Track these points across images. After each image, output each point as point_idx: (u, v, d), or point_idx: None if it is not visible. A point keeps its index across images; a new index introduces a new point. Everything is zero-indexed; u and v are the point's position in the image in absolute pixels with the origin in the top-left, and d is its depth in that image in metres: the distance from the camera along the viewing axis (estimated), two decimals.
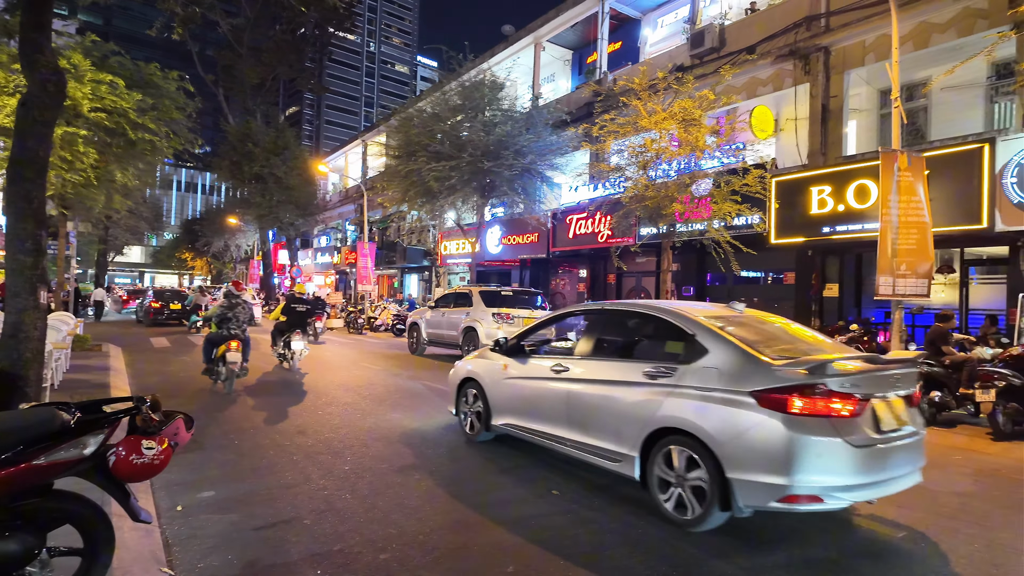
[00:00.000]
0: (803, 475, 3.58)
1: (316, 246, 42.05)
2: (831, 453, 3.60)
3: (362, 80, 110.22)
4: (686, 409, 4.09)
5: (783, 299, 15.25)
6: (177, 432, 2.68)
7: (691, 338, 4.34)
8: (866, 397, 3.79)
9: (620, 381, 4.65)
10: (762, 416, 3.73)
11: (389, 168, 18.39)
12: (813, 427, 3.63)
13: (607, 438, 4.65)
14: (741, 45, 15.50)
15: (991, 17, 11.42)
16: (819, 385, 3.66)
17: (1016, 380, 7.17)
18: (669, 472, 4.17)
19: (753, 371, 3.90)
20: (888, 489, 3.89)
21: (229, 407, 7.82)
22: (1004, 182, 9.83)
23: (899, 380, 4.07)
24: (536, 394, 5.47)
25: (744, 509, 3.82)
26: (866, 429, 3.75)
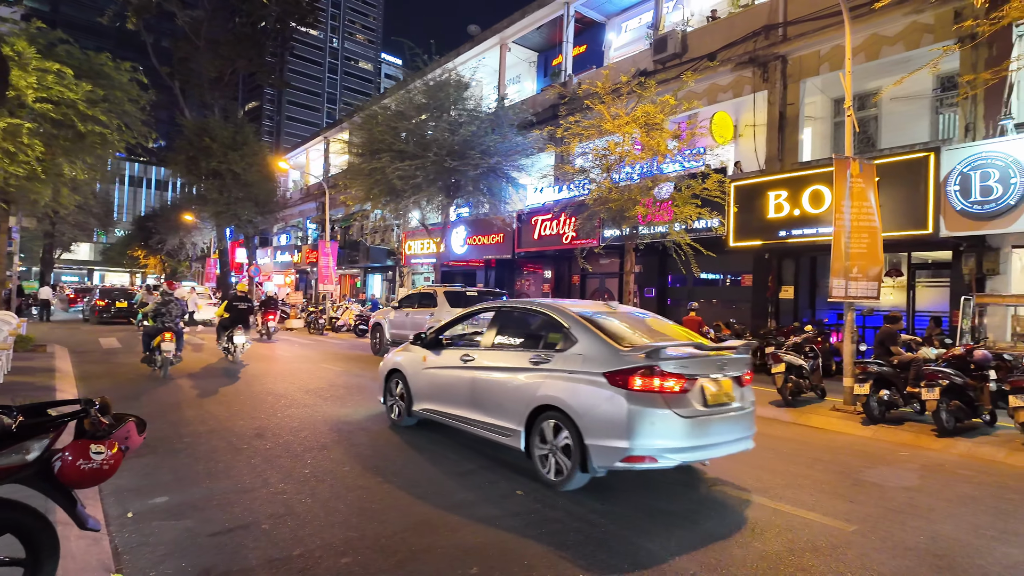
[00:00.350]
0: (640, 440, 4.40)
1: (276, 244, 41.14)
2: (663, 422, 4.44)
3: (324, 76, 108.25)
4: (558, 389, 4.91)
5: (741, 301, 15.63)
6: (128, 436, 2.57)
7: (566, 330, 5.16)
8: (693, 377, 4.61)
9: (512, 367, 5.47)
10: (611, 392, 4.55)
11: (352, 166, 18.11)
12: (649, 401, 4.45)
13: (501, 416, 5.44)
14: (703, 52, 15.83)
15: (936, 32, 11.93)
16: (654, 367, 4.48)
17: (958, 379, 7.50)
18: (545, 443, 4.98)
19: (608, 356, 4.70)
20: (715, 452, 4.79)
21: (183, 409, 7.58)
22: (948, 190, 10.29)
23: (726, 364, 4.92)
24: (448, 381, 6.21)
25: (598, 469, 4.64)
26: (694, 403, 4.58)
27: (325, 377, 10.67)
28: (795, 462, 6.04)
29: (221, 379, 10.20)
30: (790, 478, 5.42)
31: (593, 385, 4.67)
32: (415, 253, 24.69)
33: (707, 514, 4.36)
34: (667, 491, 4.89)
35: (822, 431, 7.82)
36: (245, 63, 36.46)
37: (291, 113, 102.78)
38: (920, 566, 3.60)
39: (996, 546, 3.96)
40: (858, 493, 5.04)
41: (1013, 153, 9.57)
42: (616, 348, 4.72)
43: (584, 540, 3.82)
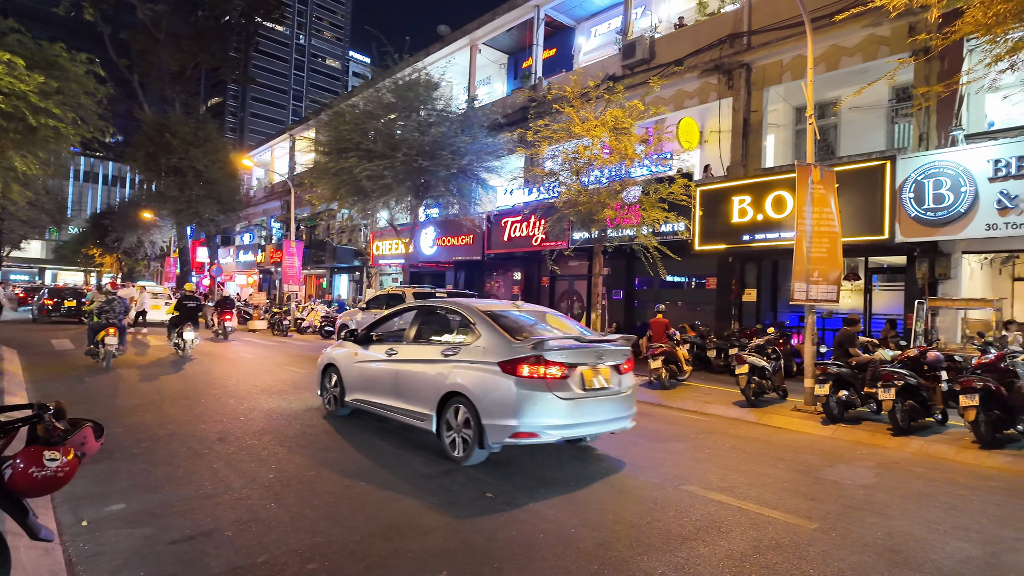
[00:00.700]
0: (526, 418, 5.16)
1: (238, 244, 40.24)
2: (545, 403, 5.20)
3: (290, 73, 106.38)
4: (463, 377, 5.60)
5: (705, 303, 15.92)
6: (85, 441, 2.47)
7: (472, 326, 5.88)
8: (574, 365, 5.39)
9: (427, 359, 6.14)
10: (504, 379, 5.27)
11: (319, 165, 17.82)
12: (534, 385, 5.21)
13: (417, 403, 6.09)
14: (670, 58, 16.07)
15: (892, 44, 12.36)
16: (539, 356, 5.23)
17: (912, 380, 7.77)
18: (451, 427, 5.67)
19: (503, 348, 5.44)
20: (592, 429, 5.67)
21: (141, 413, 7.34)
22: (903, 197, 10.67)
23: (604, 354, 5.68)
24: (374, 373, 6.82)
25: (492, 446, 5.35)
26: (574, 387, 5.36)
27: (289, 379, 10.47)
28: (759, 461, 6.17)
29: (180, 381, 9.92)
30: (754, 477, 5.53)
31: (490, 373, 5.39)
32: (383, 254, 24.44)
33: (672, 514, 4.41)
34: (633, 493, 4.93)
35: (784, 431, 8.00)
36: (208, 58, 35.68)
37: (256, 110, 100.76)
38: (878, 562, 3.71)
39: (948, 541, 4.11)
40: (819, 491, 5.17)
41: (963, 163, 9.98)
42: (510, 341, 5.48)
43: (552, 542, 3.83)
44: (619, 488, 5.01)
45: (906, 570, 3.62)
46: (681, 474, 5.50)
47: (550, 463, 5.76)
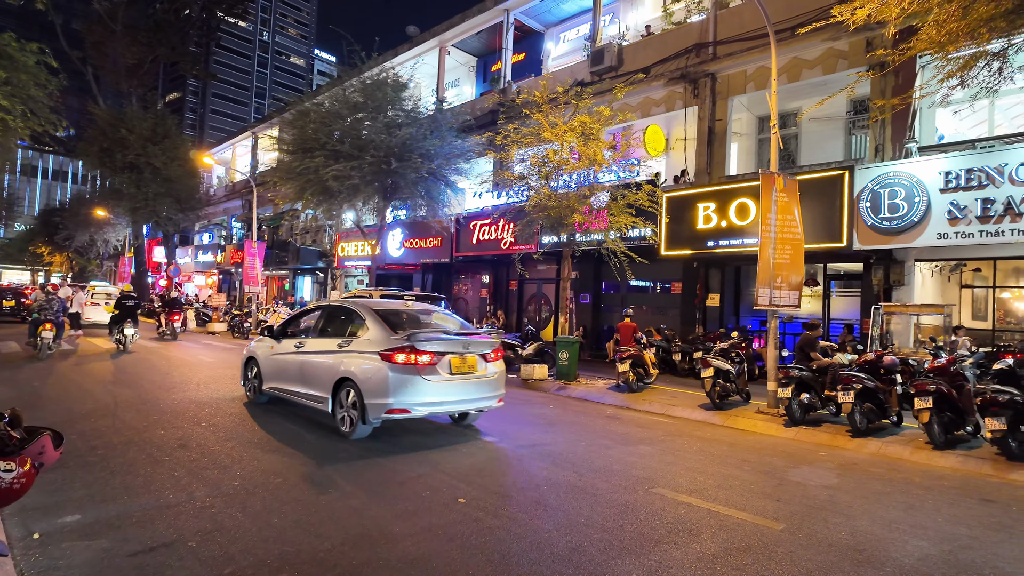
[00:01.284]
0: (398, 397, 6.20)
1: (197, 243, 39.12)
2: (415, 385, 6.27)
3: (253, 70, 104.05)
4: (352, 365, 6.58)
5: (670, 307, 16.17)
6: (43, 451, 2.35)
7: (364, 321, 6.92)
8: (442, 353, 6.49)
9: (326, 351, 7.09)
10: (382, 365, 6.28)
11: (284, 164, 17.44)
12: (406, 370, 6.26)
13: (318, 388, 7.04)
14: (638, 65, 16.30)
15: (850, 58, 12.80)
16: (412, 347, 6.30)
17: (870, 383, 8.03)
18: (343, 405, 6.63)
19: (384, 340, 6.49)
20: (458, 407, 6.86)
21: (95, 419, 7.05)
22: (860, 206, 11.04)
23: (471, 345, 6.80)
24: (285, 364, 7.74)
25: (373, 421, 6.35)
26: (441, 372, 6.45)
27: (221, 375, 10.18)
28: (725, 463, 6.28)
29: (136, 386, 9.57)
30: (721, 479, 5.62)
31: (373, 361, 6.40)
32: (349, 255, 24.09)
33: (643, 517, 4.45)
34: (605, 497, 4.95)
35: (748, 433, 8.17)
36: (167, 51, 34.63)
37: (216, 107, 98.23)
38: (843, 561, 3.81)
39: (908, 539, 4.25)
40: (784, 492, 5.29)
41: (917, 174, 10.39)
42: (391, 334, 6.54)
43: (525, 547, 3.82)
44: (591, 492, 5.02)
45: (870, 569, 3.72)
46: (651, 477, 5.55)
47: (520, 471, 5.75)
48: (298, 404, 7.64)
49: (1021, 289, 12.34)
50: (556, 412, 8.97)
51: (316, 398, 7.08)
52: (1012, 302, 12.71)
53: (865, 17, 7.91)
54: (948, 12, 7.01)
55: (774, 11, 13.63)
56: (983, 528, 4.58)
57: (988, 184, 9.64)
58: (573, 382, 11.68)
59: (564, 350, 11.95)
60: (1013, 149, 9.67)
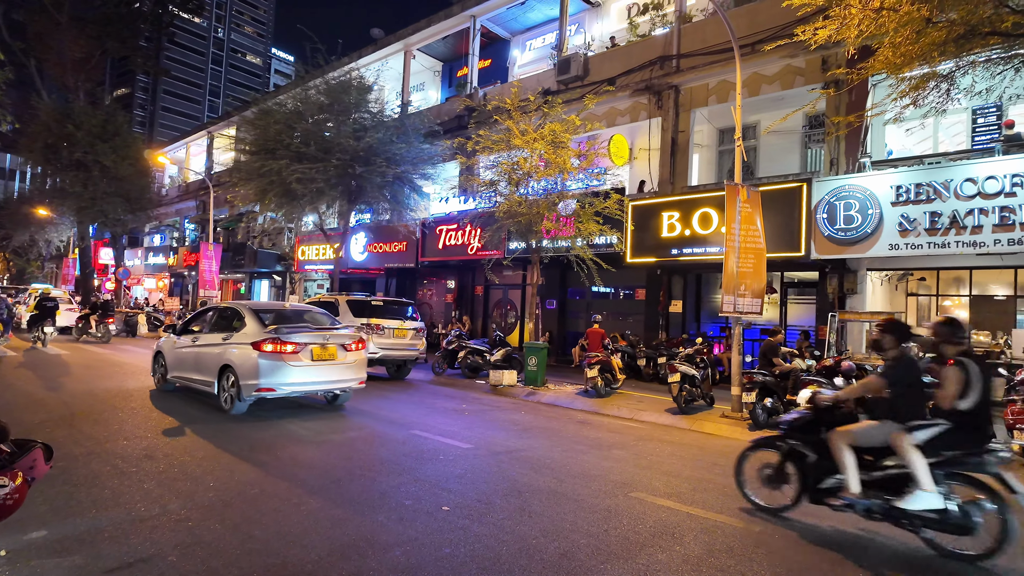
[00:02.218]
0: (265, 379, 7.67)
1: (148, 245, 37.71)
2: (279, 369, 7.74)
3: (207, 67, 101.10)
4: (231, 354, 8.03)
5: (635, 313, 16.45)
6: (34, 465, 2.25)
7: (243, 319, 8.40)
8: (305, 344, 7.98)
9: (214, 343, 8.49)
10: (254, 353, 7.75)
11: (244, 164, 17.00)
12: (272, 357, 7.73)
13: (207, 374, 8.45)
14: (604, 76, 16.57)
15: (807, 75, 13.33)
16: (276, 338, 7.80)
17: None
18: (224, 388, 8.11)
19: (257, 332, 7.98)
20: (319, 388, 8.33)
21: (51, 429, 6.72)
22: (818, 217, 11.49)
23: (332, 337, 8.32)
24: (185, 356, 9.15)
25: (246, 398, 7.83)
26: (303, 358, 7.94)
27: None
28: (696, 467, 6.44)
29: (94, 398, 9.17)
30: (695, 482, 5.76)
31: (247, 350, 7.82)
32: (310, 259, 23.64)
33: (627, 521, 4.53)
34: (588, 502, 5.01)
35: (715, 437, 8.39)
36: (117, 45, 33.33)
37: (168, 104, 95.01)
38: (821, 561, 3.97)
39: (880, 540, 4.45)
40: None
41: (870, 187, 10.89)
42: (262, 328, 8.05)
43: (514, 553, 3.83)
44: (572, 498, 5.07)
45: (846, 568, 3.88)
46: (628, 481, 5.65)
47: (501, 477, 5.76)
48: (195, 389, 9.04)
49: (961, 298, 13.06)
50: (528, 418, 9.01)
51: (206, 383, 8.49)
52: (953, 310, 13.43)
53: (826, 37, 8.29)
54: (903, 35, 7.40)
55: (736, 28, 14.13)
56: None
57: (936, 198, 10.19)
58: (542, 387, 11.75)
59: (533, 355, 12.02)
60: (957, 166, 10.25)
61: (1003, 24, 6.62)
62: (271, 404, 8.75)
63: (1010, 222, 9.55)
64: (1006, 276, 11.94)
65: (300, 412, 8.52)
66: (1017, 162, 9.60)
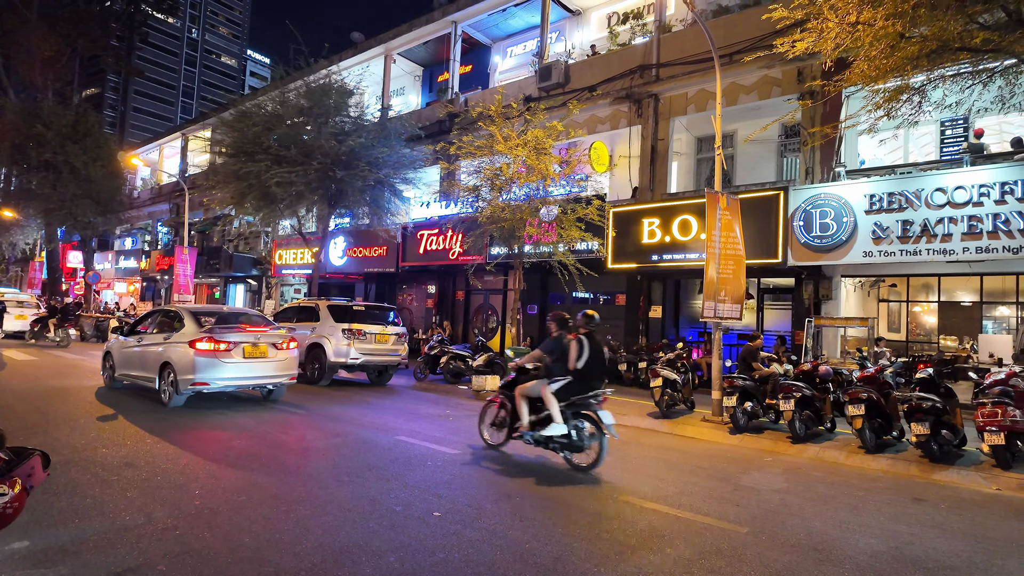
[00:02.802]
0: (200, 374, 8.41)
1: (118, 248, 36.85)
2: (212, 365, 8.47)
3: (181, 68, 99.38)
4: (171, 352, 8.76)
5: (615, 319, 16.54)
6: (32, 472, 2.20)
7: (183, 320, 9.17)
8: (237, 342, 8.72)
9: (156, 343, 9.23)
10: (191, 351, 8.47)
11: (222, 166, 16.75)
12: (206, 355, 8.45)
13: (150, 371, 9.16)
14: (584, 83, 16.74)
15: (783, 86, 13.64)
16: (209, 336, 8.55)
17: (808, 392, 8.54)
18: (164, 382, 8.82)
19: (194, 332, 8.73)
20: (251, 383, 9.14)
21: (27, 438, 6.53)
22: (795, 224, 11.75)
23: (263, 336, 9.10)
24: (130, 355, 9.82)
25: (184, 392, 8.57)
26: (235, 356, 8.67)
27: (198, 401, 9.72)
28: (681, 470, 6.52)
29: (69, 405, 8.94)
30: (681, 486, 5.84)
31: (184, 348, 8.55)
32: (287, 263, 23.36)
33: (618, 525, 4.57)
34: (578, 506, 5.05)
35: (697, 440, 8.50)
36: (88, 44, 32.67)
37: (139, 104, 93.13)
38: (806, 560, 4.06)
39: (859, 538, 4.56)
40: (740, 497, 5.55)
41: (845, 196, 11.18)
42: (199, 328, 8.81)
43: (509, 558, 3.85)
44: (562, 502, 5.11)
45: (831, 567, 3.98)
46: (616, 485, 5.70)
47: (491, 483, 5.77)
48: (139, 385, 9.73)
49: (930, 303, 13.46)
50: None
51: (149, 379, 9.19)
52: (922, 315, 13.84)
53: (804, 49, 8.51)
54: (878, 49, 7.64)
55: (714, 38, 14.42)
56: (920, 525, 4.98)
57: (907, 207, 10.51)
58: None
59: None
60: (928, 176, 10.59)
61: (973, 40, 6.87)
62: (247, 404, 8.62)
63: (977, 231, 9.89)
64: (973, 283, 12.35)
65: (279, 413, 8.42)
66: (984, 173, 9.96)
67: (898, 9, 7.09)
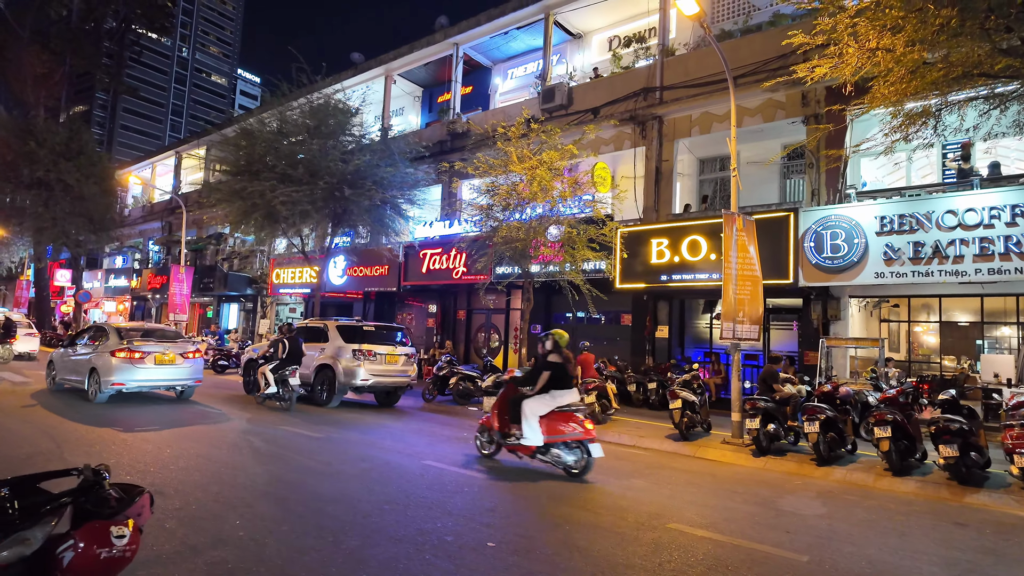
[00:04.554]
0: (118, 377, 10.38)
1: (108, 267, 36.28)
2: (128, 370, 10.45)
3: (171, 86, 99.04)
4: (96, 359, 10.65)
5: (621, 338, 16.51)
6: (142, 511, 2.07)
7: (108, 333, 11.09)
8: (150, 352, 10.70)
9: (87, 353, 11.05)
10: (111, 358, 10.39)
11: (225, 185, 16.57)
12: (124, 361, 10.44)
13: (81, 375, 10.97)
14: (587, 105, 16.88)
15: (787, 109, 13.84)
16: (127, 348, 10.52)
17: (831, 413, 8.50)
18: (91, 383, 10.68)
19: (116, 343, 10.66)
20: (162, 384, 11.21)
21: (43, 464, 6.29)
22: (805, 246, 11.83)
23: (172, 347, 11.07)
24: (68, 362, 11.63)
25: (105, 391, 10.43)
26: (148, 363, 10.65)
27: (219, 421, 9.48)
28: (717, 495, 6.43)
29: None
30: (723, 511, 5.74)
31: (107, 356, 10.44)
32: (285, 282, 23.08)
33: (677, 555, 4.46)
34: (630, 535, 4.93)
35: (721, 464, 8.41)
36: (82, 62, 32.50)
37: (127, 122, 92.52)
38: None
39: (919, 565, 4.50)
40: (786, 523, 5.47)
41: (856, 217, 11.29)
42: (119, 340, 10.75)
43: None
44: (613, 531, 4.99)
45: None
46: (660, 512, 5.58)
47: (535, 510, 5.63)
48: (73, 387, 11.58)
49: (931, 324, 13.56)
50: None
51: (80, 381, 11.06)
52: (922, 335, 13.95)
53: (822, 75, 8.63)
54: (898, 75, 7.76)
55: (718, 63, 14.55)
56: (973, 552, 4.92)
57: (918, 229, 10.62)
58: None
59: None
60: (938, 199, 10.73)
61: (996, 66, 7.00)
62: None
63: (989, 252, 10.01)
64: (973, 303, 12.48)
65: (287, 438, 8.21)
66: (994, 195, 10.11)
67: (919, 36, 7.22)
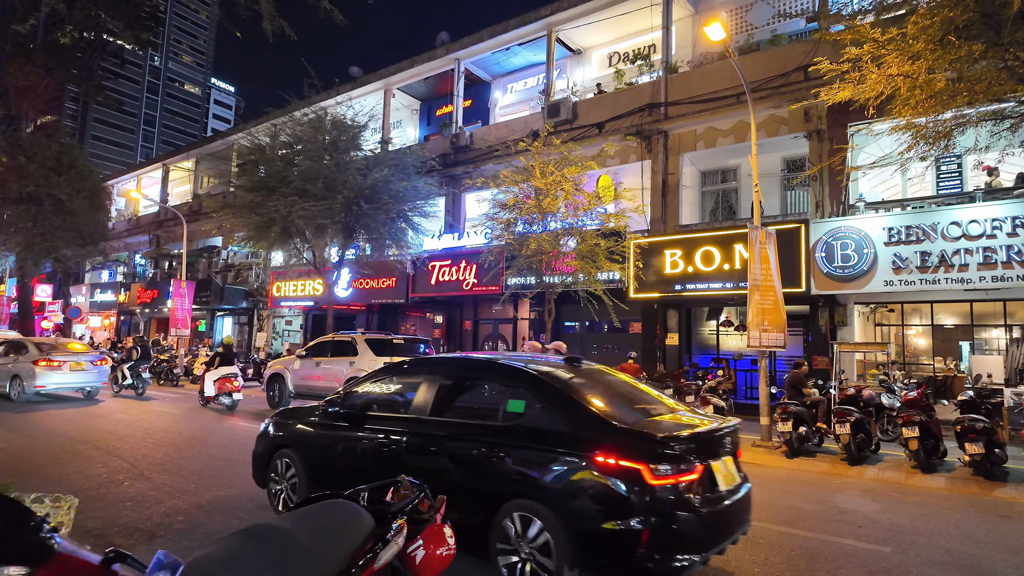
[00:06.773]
0: (39, 381, 13.29)
1: (92, 281, 35.52)
2: (47, 376, 13.44)
3: (143, 96, 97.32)
4: (18, 368, 13.59)
5: (630, 346, 16.92)
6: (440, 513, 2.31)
7: (28, 348, 13.91)
8: (64, 361, 13.63)
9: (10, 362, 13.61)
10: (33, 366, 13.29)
11: (239, 199, 16.55)
12: (45, 369, 13.30)
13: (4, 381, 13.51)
14: (592, 120, 17.35)
15: (790, 124, 14.47)
16: (47, 359, 13.49)
17: (859, 415, 8.99)
18: (13, 387, 13.55)
19: (37, 355, 13.47)
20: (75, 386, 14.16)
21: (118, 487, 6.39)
22: (816, 256, 12.41)
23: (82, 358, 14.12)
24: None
25: (28, 392, 13.33)
26: (64, 369, 13.58)
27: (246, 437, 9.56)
28: (774, 494, 6.81)
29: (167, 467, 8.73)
30: (791, 510, 6.11)
31: (30, 364, 13.06)
32: (286, 295, 23.02)
33: (775, 549, 4.80)
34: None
35: (760, 466, 8.79)
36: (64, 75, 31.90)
37: (99, 132, 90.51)
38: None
39: (992, 553, 4.92)
40: (852, 518, 5.86)
41: (864, 228, 11.90)
42: (40, 353, 13.25)
43: None
44: None
45: None
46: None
47: None
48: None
49: (923, 327, 14.28)
50: None
51: (3, 385, 13.37)
52: (915, 339, 14.67)
53: (844, 98, 9.19)
54: (918, 99, 8.33)
55: (722, 80, 15.22)
56: None
57: (925, 239, 11.27)
58: None
59: None
60: (942, 211, 11.41)
61: (1013, 92, 7.60)
62: None
63: (992, 261, 10.69)
64: (962, 308, 13.20)
65: None
66: (996, 208, 10.80)
67: (939, 64, 7.79)
